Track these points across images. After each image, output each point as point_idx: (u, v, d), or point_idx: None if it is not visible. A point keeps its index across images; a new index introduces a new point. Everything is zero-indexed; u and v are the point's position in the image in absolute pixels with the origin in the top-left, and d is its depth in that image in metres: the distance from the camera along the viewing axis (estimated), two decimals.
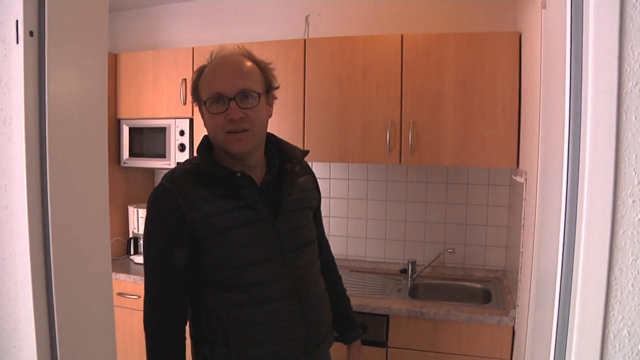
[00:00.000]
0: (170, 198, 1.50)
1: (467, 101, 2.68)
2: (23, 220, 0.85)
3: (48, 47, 0.89)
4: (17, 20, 0.85)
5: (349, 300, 1.96)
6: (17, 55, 0.85)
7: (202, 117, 1.57)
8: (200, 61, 3.10)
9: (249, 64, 1.55)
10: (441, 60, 2.71)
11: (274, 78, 1.61)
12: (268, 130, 1.65)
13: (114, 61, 3.38)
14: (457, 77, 2.69)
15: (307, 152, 1.77)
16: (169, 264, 1.50)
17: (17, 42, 0.85)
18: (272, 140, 1.69)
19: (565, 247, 0.85)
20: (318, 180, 1.86)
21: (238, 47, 1.61)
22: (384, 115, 2.79)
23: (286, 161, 1.65)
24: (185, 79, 3.18)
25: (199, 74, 1.58)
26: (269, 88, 1.59)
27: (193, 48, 3.19)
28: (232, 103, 1.46)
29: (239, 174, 1.52)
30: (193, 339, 1.64)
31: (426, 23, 3.10)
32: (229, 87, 1.47)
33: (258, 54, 2.95)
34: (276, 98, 1.65)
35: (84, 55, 0.97)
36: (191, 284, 1.56)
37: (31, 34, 0.87)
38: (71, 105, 0.95)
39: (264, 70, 1.58)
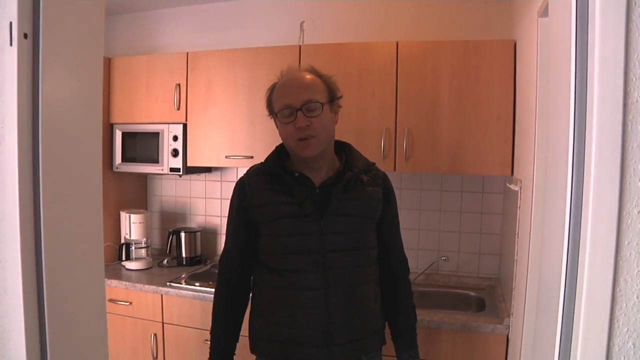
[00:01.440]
0: (241, 186, 1.85)
1: (462, 108, 2.68)
2: (15, 227, 0.83)
3: (42, 50, 0.87)
4: (10, 22, 0.83)
5: (414, 321, 2.02)
6: (10, 58, 0.83)
7: (277, 127, 1.80)
8: (195, 66, 3.15)
9: (312, 77, 1.78)
10: (436, 67, 2.71)
11: (337, 89, 1.83)
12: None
13: (107, 65, 3.36)
14: (452, 85, 2.68)
15: (373, 163, 1.95)
16: (237, 232, 1.87)
17: (11, 45, 0.83)
18: (346, 149, 1.90)
19: (569, 257, 0.84)
20: None
21: (309, 65, 1.85)
22: (379, 122, 2.79)
23: (350, 169, 1.82)
24: (179, 84, 3.17)
25: (271, 90, 1.82)
26: (333, 98, 1.80)
27: (187, 53, 3.18)
28: (299, 113, 1.69)
29: (297, 174, 1.76)
30: (251, 312, 1.91)
31: (422, 30, 3.10)
32: (296, 99, 1.70)
33: (252, 60, 2.99)
34: (341, 106, 1.87)
35: (79, 59, 0.95)
36: (254, 253, 1.86)
37: (25, 36, 0.85)
38: (65, 109, 0.93)
39: (327, 82, 1.80)
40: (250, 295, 1.93)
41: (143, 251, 3.40)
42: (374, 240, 1.88)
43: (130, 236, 3.39)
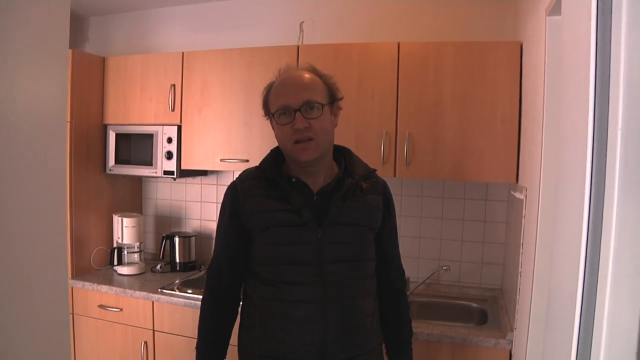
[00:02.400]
0: (234, 191, 1.74)
1: (466, 112, 2.58)
2: None
3: None
4: None
5: (410, 335, 1.91)
6: None
7: (273, 128, 1.71)
8: (191, 66, 3.06)
9: (312, 77, 1.67)
10: (439, 69, 2.61)
11: (338, 90, 1.73)
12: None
13: (101, 65, 3.29)
14: (456, 88, 2.59)
15: (374, 170, 1.83)
16: (227, 240, 1.76)
17: None
18: (346, 155, 1.80)
19: (586, 270, 0.74)
20: None
21: (308, 64, 1.75)
22: (379, 126, 2.69)
23: (350, 176, 1.73)
24: (174, 85, 3.09)
25: (268, 90, 1.71)
26: (333, 99, 1.70)
27: (183, 53, 3.09)
28: (298, 114, 1.59)
29: (294, 180, 1.67)
30: (240, 325, 1.81)
31: (424, 31, 3.01)
32: (294, 100, 1.60)
33: (249, 60, 2.90)
34: (341, 109, 1.75)
35: (39, 48, 0.85)
36: (245, 263, 1.76)
37: None
38: (22, 106, 0.82)
39: (327, 83, 1.70)
40: (240, 308, 1.82)
41: (136, 256, 3.31)
42: (373, 252, 1.77)
43: (122, 240, 3.30)
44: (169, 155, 3.14)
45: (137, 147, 3.27)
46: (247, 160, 2.91)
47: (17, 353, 0.83)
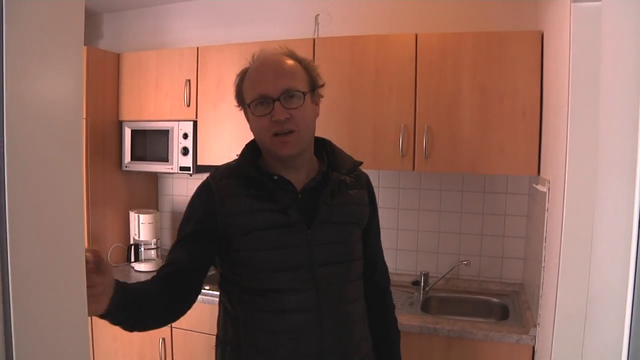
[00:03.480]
0: (207, 191, 1.52)
1: (485, 104, 2.53)
2: None
3: (7, 36, 0.75)
4: None
5: (398, 335, 1.80)
6: None
7: (248, 121, 1.55)
8: (206, 61, 3.04)
9: (291, 62, 1.51)
10: (458, 61, 2.57)
11: (319, 76, 1.57)
12: (325, 137, 1.64)
13: (116, 61, 3.28)
14: (475, 79, 2.54)
15: (360, 163, 1.67)
16: (188, 249, 1.50)
17: None
18: (328, 147, 1.65)
19: (638, 266, 0.70)
20: None
21: (280, 46, 1.57)
22: (397, 119, 2.65)
23: (334, 170, 1.58)
24: (189, 80, 3.07)
25: (242, 76, 1.55)
26: (314, 86, 1.54)
27: (198, 48, 3.07)
28: (277, 104, 1.43)
29: (276, 177, 1.50)
30: (217, 338, 1.63)
31: (441, 22, 2.96)
32: (273, 88, 1.44)
33: None
34: (322, 96, 1.60)
35: (54, 43, 0.83)
36: (201, 273, 1.52)
37: None
38: (37, 103, 0.80)
39: (307, 68, 1.54)
40: (220, 323, 1.62)
41: (152, 252, 3.31)
42: (360, 251, 1.64)
43: (139, 237, 3.30)
44: (185, 151, 3.13)
45: (152, 144, 3.26)
46: None
47: (38, 351, 0.81)
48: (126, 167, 3.33)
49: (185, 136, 3.12)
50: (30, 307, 0.79)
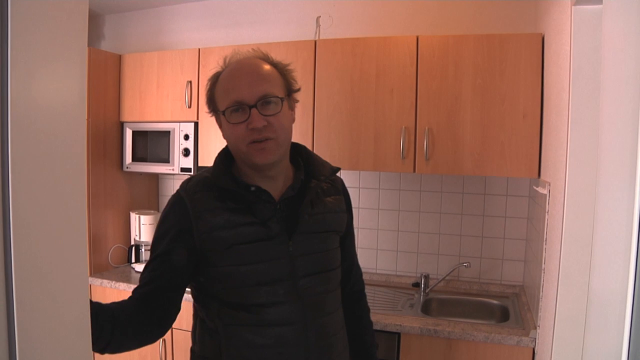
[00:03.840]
0: (181, 205, 1.43)
1: (486, 106, 2.54)
2: None
3: (12, 34, 0.75)
4: None
5: (374, 337, 1.78)
6: None
7: (220, 128, 1.47)
8: (207, 63, 3.05)
9: (267, 67, 1.43)
10: (459, 63, 2.57)
11: (294, 80, 1.50)
12: (299, 141, 1.57)
13: (117, 62, 3.29)
14: (476, 81, 2.55)
15: (338, 169, 1.61)
16: (163, 268, 1.40)
17: None
18: (303, 153, 1.57)
19: (638, 268, 0.70)
20: None
21: (253, 49, 1.49)
22: (398, 120, 2.66)
23: (313, 177, 1.51)
24: (190, 81, 3.08)
25: (214, 81, 1.47)
26: (290, 91, 1.47)
27: (199, 49, 3.08)
28: (254, 111, 1.35)
29: (253, 188, 1.42)
30: (192, 352, 1.55)
31: (443, 24, 2.97)
32: (249, 94, 1.36)
33: None
34: (297, 101, 1.53)
35: (58, 45, 0.83)
36: (179, 291, 1.44)
37: None
38: (41, 104, 0.81)
39: (283, 73, 1.46)
40: (196, 339, 1.54)
41: None
42: (340, 258, 1.59)
43: (140, 238, 3.30)
44: (186, 152, 3.13)
45: (153, 145, 3.26)
46: None
47: (40, 350, 0.81)
48: (127, 168, 3.34)
49: (187, 137, 3.13)
50: (33, 306, 0.80)
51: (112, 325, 1.27)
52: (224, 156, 1.50)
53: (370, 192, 3.19)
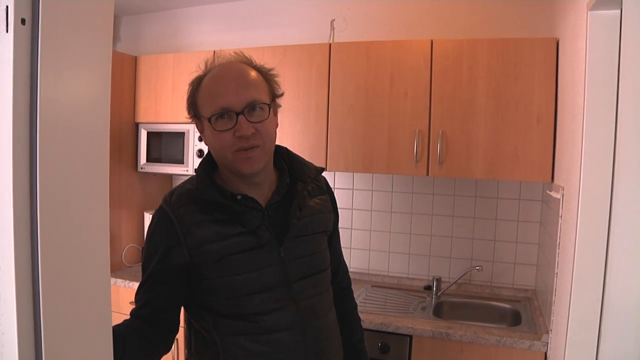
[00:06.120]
0: (166, 222, 1.39)
1: (500, 110, 2.54)
2: (8, 235, 0.74)
3: (42, 37, 0.78)
4: (7, 6, 0.74)
5: (362, 332, 1.78)
6: (6, 46, 0.75)
7: (203, 134, 1.43)
8: None
9: (253, 73, 1.40)
10: (473, 67, 2.58)
11: (278, 85, 1.47)
12: (283, 144, 1.55)
13: (133, 64, 3.32)
14: (490, 85, 2.55)
15: (323, 169, 1.59)
16: (158, 289, 1.39)
17: (7, 31, 0.75)
18: (285, 156, 1.55)
19: None
20: (341, 190, 1.72)
21: (235, 52, 1.45)
22: (412, 124, 2.67)
23: (298, 180, 1.49)
24: None
25: (196, 86, 1.43)
26: (274, 96, 1.44)
27: (214, 51, 3.10)
28: (241, 118, 1.32)
29: (239, 197, 1.39)
30: None
31: (457, 28, 2.97)
32: (236, 101, 1.32)
33: (281, 58, 2.90)
34: (280, 106, 1.50)
35: (84, 49, 0.86)
36: (178, 308, 1.45)
37: (23, 21, 0.76)
38: (68, 105, 0.83)
39: (267, 78, 1.43)
40: (186, 349, 1.53)
41: None
42: (329, 258, 1.59)
43: None
44: (200, 154, 3.16)
45: (168, 146, 3.29)
46: None
47: (64, 348, 0.83)
48: (142, 168, 3.37)
49: (201, 139, 3.15)
50: (59, 304, 0.82)
51: (123, 351, 1.27)
52: (206, 165, 1.46)
53: (383, 194, 3.20)
